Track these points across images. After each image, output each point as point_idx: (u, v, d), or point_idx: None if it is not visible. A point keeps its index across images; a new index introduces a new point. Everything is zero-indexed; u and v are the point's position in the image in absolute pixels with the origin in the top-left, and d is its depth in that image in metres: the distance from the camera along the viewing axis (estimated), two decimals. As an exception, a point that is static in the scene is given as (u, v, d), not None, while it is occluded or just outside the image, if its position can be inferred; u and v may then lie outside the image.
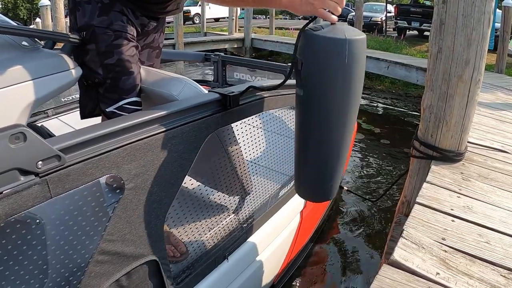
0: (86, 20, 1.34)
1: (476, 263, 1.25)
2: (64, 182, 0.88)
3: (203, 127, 1.24)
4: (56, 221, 0.96)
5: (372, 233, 3.49)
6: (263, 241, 1.91)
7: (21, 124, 0.80)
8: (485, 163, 2.05)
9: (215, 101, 1.30)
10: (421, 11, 13.42)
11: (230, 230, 1.69)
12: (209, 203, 1.63)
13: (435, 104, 1.86)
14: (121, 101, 1.42)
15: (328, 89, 1.18)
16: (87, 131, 0.95)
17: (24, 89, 1.14)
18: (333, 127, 1.24)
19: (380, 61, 9.03)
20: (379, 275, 1.13)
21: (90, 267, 1.00)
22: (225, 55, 3.50)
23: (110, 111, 1.42)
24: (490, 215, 1.53)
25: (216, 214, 1.71)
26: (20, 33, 1.21)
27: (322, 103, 1.21)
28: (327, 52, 1.14)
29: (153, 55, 1.68)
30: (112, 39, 1.36)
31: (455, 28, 1.74)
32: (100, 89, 1.42)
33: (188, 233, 1.53)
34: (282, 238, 2.12)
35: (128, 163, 1.02)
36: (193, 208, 1.47)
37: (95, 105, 1.47)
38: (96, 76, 1.39)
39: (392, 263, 1.19)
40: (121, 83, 1.40)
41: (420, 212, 1.50)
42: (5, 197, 0.77)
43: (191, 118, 1.20)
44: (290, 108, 1.83)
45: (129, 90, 1.43)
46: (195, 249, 1.54)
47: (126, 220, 1.06)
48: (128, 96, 1.43)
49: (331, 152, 1.30)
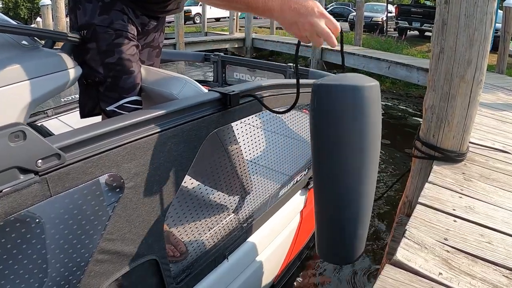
0: (87, 19, 1.34)
1: (478, 263, 1.25)
2: (64, 180, 0.88)
3: (203, 126, 1.24)
4: (55, 220, 0.96)
5: (373, 232, 3.50)
6: (263, 240, 1.91)
7: (21, 123, 0.80)
8: (486, 163, 2.05)
9: (215, 100, 1.29)
10: (422, 11, 13.44)
11: (230, 229, 1.69)
12: (209, 203, 1.63)
13: (437, 104, 1.86)
14: (121, 100, 1.42)
15: (343, 143, 1.07)
16: (87, 129, 0.94)
17: (24, 88, 1.14)
18: (351, 185, 1.10)
19: (381, 61, 9.06)
20: (382, 275, 1.13)
21: (90, 266, 1.00)
22: (225, 55, 3.51)
23: (111, 110, 1.42)
24: (492, 216, 1.53)
25: (216, 214, 1.71)
26: (19, 32, 1.21)
27: (336, 157, 1.09)
28: (341, 101, 1.04)
29: (153, 54, 1.68)
30: (113, 38, 1.36)
31: (457, 28, 1.74)
32: (100, 88, 1.41)
33: (188, 232, 1.53)
34: (282, 237, 2.12)
35: (128, 162, 1.02)
36: (193, 208, 1.47)
37: (95, 104, 1.46)
38: (97, 75, 1.38)
39: (395, 263, 1.19)
40: (121, 82, 1.40)
41: (422, 212, 1.50)
42: (5, 196, 0.77)
43: (191, 117, 1.20)
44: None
45: (129, 89, 1.42)
46: (195, 249, 1.54)
47: (126, 219, 1.06)
48: (128, 95, 1.42)
49: (349, 212, 1.14)
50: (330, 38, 1.13)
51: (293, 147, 2.10)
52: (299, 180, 2.24)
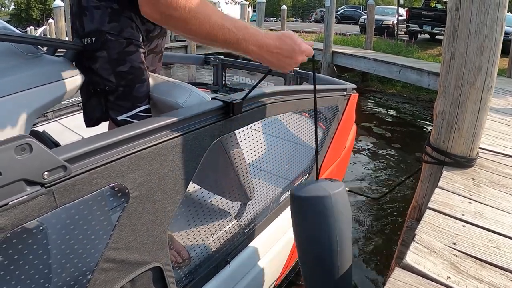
0: (97, 26, 1.31)
1: (486, 268, 1.27)
2: (69, 192, 0.88)
3: (206, 135, 1.24)
4: (61, 230, 0.96)
5: (375, 236, 3.51)
6: (264, 245, 1.91)
7: (27, 135, 0.80)
8: (496, 169, 2.06)
9: (218, 108, 1.30)
10: (433, 14, 13.35)
11: (232, 235, 1.70)
12: (212, 209, 1.61)
13: (448, 110, 1.88)
14: (134, 109, 1.41)
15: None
16: (92, 140, 0.94)
17: (27, 97, 1.15)
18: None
19: (392, 65, 9.03)
20: (392, 278, 1.16)
21: (95, 275, 1.00)
22: (225, 58, 3.51)
23: (123, 119, 1.40)
24: (500, 221, 1.55)
25: (219, 219, 1.71)
26: (22, 41, 1.22)
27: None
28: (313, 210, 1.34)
29: (156, 60, 1.68)
30: (123, 46, 1.34)
31: (468, 35, 1.76)
32: (110, 97, 1.39)
33: (190, 239, 1.53)
34: (284, 242, 2.12)
35: (133, 172, 1.02)
36: (196, 214, 1.48)
37: (102, 113, 1.44)
38: (107, 84, 1.36)
39: (405, 267, 1.22)
40: (135, 91, 1.39)
41: (432, 217, 1.53)
42: (12, 208, 0.77)
43: (194, 126, 1.20)
44: (293, 114, 1.85)
45: (142, 98, 1.41)
46: (198, 255, 1.55)
47: (130, 228, 1.07)
48: (141, 104, 1.42)
49: None
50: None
51: (293, 151, 2.11)
52: None
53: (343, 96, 2.39)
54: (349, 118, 2.67)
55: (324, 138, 2.38)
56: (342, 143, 2.87)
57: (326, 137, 2.39)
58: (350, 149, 3.37)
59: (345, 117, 2.50)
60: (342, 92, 2.38)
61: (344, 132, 2.75)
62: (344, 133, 2.78)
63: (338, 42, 13.10)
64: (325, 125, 2.38)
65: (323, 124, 2.38)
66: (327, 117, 2.35)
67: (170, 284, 1.29)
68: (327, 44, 10.90)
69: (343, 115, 2.47)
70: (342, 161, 3.04)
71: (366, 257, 3.20)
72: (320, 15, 29.10)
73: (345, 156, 3.15)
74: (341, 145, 2.85)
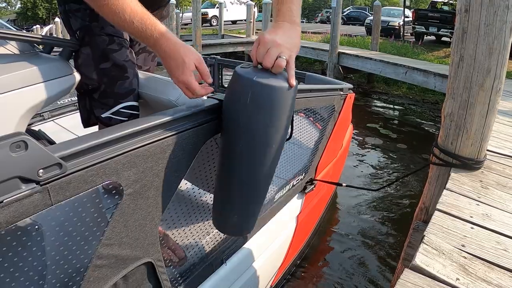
0: (81, 23, 1.36)
1: (494, 270, 1.27)
2: (65, 189, 0.88)
3: (201, 133, 1.25)
4: (55, 228, 0.96)
5: (384, 237, 3.50)
6: (260, 245, 1.92)
7: (22, 132, 0.80)
8: (503, 171, 2.06)
9: (213, 107, 1.30)
10: (439, 16, 13.28)
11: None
12: (207, 208, 1.63)
13: (456, 112, 1.88)
14: (117, 105, 1.42)
15: (234, 129, 1.19)
16: (88, 138, 0.95)
17: (23, 95, 1.16)
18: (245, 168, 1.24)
19: (398, 66, 9.01)
20: (401, 280, 1.16)
21: (89, 272, 1.01)
22: (221, 58, 3.53)
23: (106, 116, 1.42)
24: (508, 223, 1.55)
25: None
26: (18, 39, 1.23)
27: (231, 143, 1.21)
28: (235, 89, 1.17)
29: (149, 59, 1.68)
30: (106, 43, 1.36)
31: (477, 37, 1.76)
32: (94, 95, 1.41)
33: (186, 238, 1.54)
34: (279, 242, 2.13)
35: (128, 170, 1.02)
36: (192, 213, 1.49)
37: (88, 113, 1.46)
38: (90, 82, 1.38)
39: (414, 268, 1.22)
40: (116, 88, 1.40)
41: (440, 219, 1.53)
42: (6, 206, 0.77)
43: (189, 124, 1.20)
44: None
45: (125, 95, 1.42)
46: (193, 254, 1.55)
47: (123, 224, 1.07)
48: (124, 101, 1.42)
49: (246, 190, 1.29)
50: None
51: (289, 150, 2.12)
52: (295, 185, 2.25)
53: (340, 96, 2.40)
54: (345, 118, 2.69)
55: (321, 138, 2.39)
56: (338, 143, 2.87)
57: (323, 137, 2.39)
58: (346, 149, 3.38)
59: (341, 117, 2.51)
60: (338, 92, 2.39)
61: (340, 132, 2.76)
62: (340, 133, 2.79)
63: (344, 43, 13.08)
64: (321, 125, 2.39)
65: (319, 124, 2.39)
66: (324, 117, 2.36)
67: (163, 281, 1.29)
68: (333, 45, 10.88)
69: (340, 115, 2.48)
70: (339, 161, 3.05)
71: (369, 258, 3.19)
72: (326, 16, 29.08)
73: (342, 156, 3.16)
74: (337, 145, 2.86)
